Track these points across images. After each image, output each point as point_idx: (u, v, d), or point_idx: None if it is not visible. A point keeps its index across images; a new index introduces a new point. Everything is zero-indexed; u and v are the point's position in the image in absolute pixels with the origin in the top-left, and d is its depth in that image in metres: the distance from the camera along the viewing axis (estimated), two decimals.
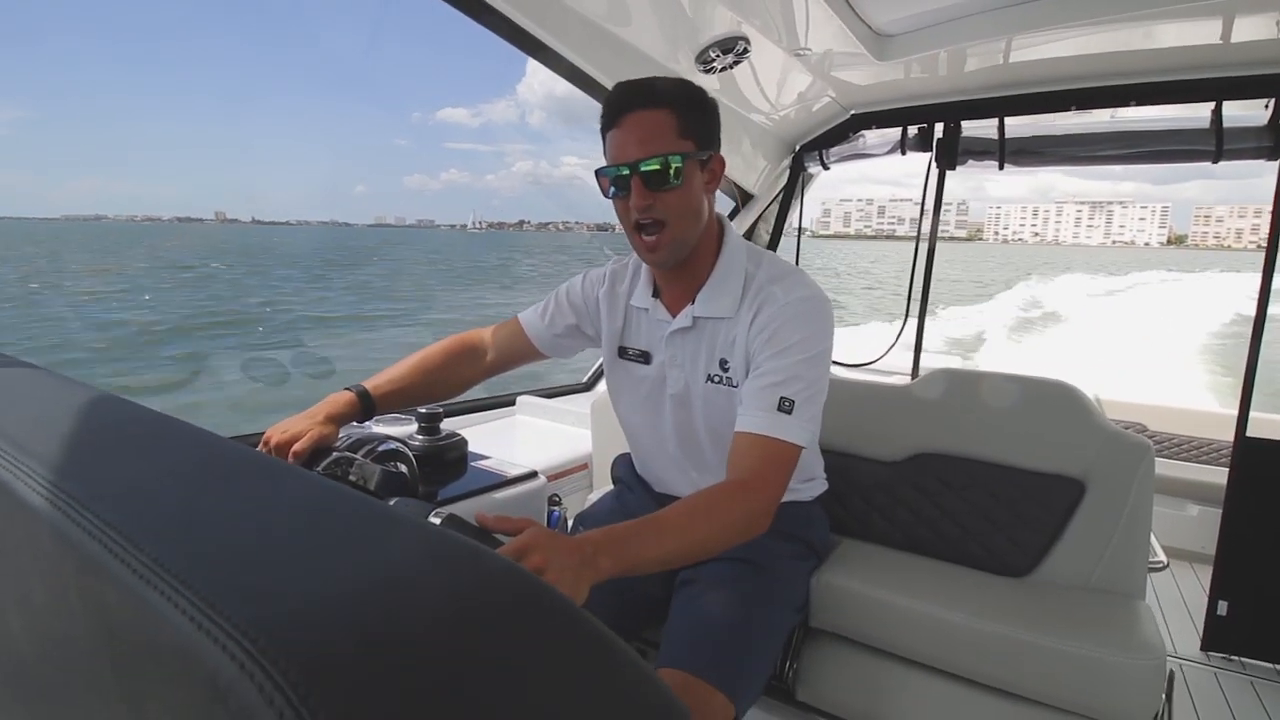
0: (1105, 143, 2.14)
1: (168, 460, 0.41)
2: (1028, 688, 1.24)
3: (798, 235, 2.76)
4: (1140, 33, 1.73)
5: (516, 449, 1.42)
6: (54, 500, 0.33)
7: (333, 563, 0.27)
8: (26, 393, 0.55)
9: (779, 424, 1.02)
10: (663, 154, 1.02)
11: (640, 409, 1.28)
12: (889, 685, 1.37)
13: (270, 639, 0.21)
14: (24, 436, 0.41)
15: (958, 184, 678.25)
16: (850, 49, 1.83)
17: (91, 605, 0.29)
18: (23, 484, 0.36)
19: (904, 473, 1.64)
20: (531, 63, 1.80)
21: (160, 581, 0.25)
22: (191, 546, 0.28)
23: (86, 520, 0.30)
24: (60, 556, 0.31)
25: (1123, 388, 3.31)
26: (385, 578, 0.26)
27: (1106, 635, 1.23)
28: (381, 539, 0.29)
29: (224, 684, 0.20)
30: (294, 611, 0.23)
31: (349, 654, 0.21)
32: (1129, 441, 1.45)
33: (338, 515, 0.32)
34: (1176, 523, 2.53)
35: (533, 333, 1.34)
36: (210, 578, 0.25)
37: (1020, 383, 1.61)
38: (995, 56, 1.93)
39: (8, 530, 0.37)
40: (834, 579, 1.41)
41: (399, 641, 0.22)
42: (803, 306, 1.08)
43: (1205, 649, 1.93)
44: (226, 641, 0.21)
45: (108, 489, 0.34)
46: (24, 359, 0.66)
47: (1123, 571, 1.42)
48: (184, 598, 0.24)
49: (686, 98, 1.07)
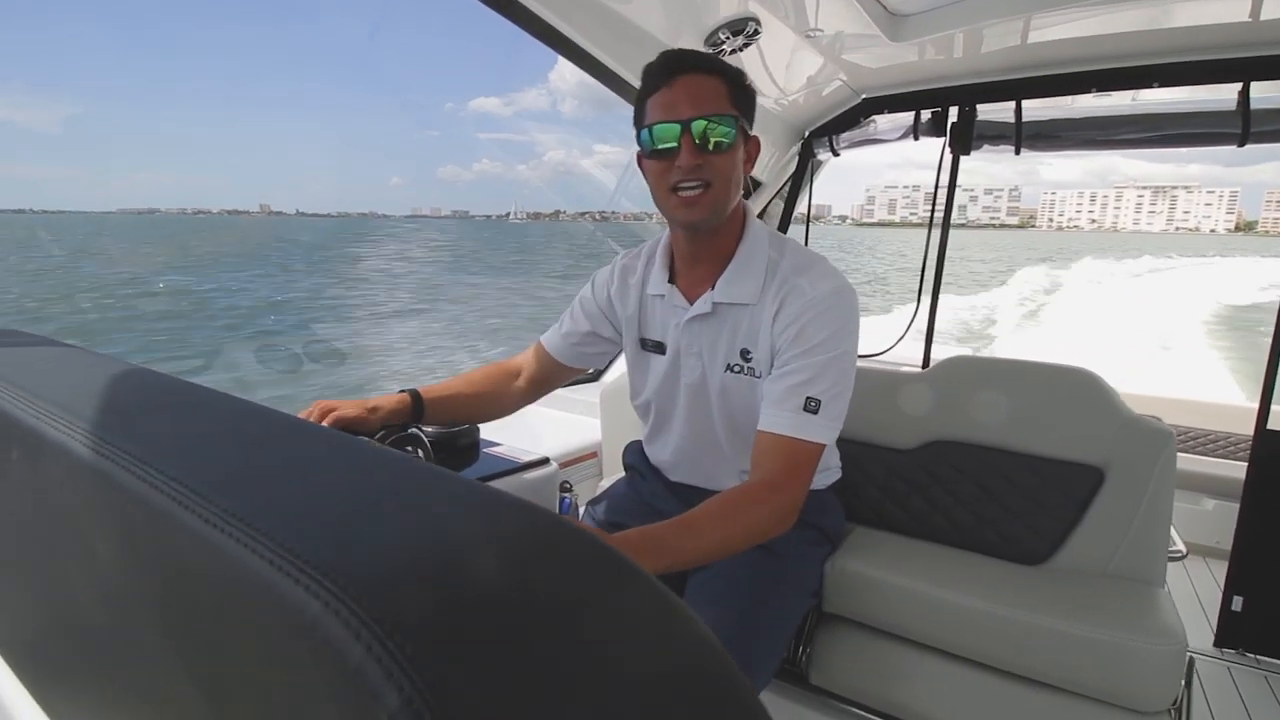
0: (1126, 126, 2.08)
1: (214, 424, 0.42)
2: (1044, 672, 1.22)
3: (806, 223, 2.71)
4: (1164, 11, 1.67)
5: (527, 436, 1.42)
6: (115, 459, 0.33)
7: (395, 514, 0.28)
8: (70, 368, 0.56)
9: (804, 425, 1.02)
10: (720, 114, 1.02)
11: (656, 399, 1.28)
12: (903, 670, 1.36)
13: (350, 579, 0.21)
14: (77, 405, 0.42)
15: (1008, 168, 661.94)
16: (863, 29, 1.79)
17: (163, 557, 0.30)
18: (82, 445, 0.36)
19: (919, 460, 1.62)
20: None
21: (232, 529, 0.25)
22: (257, 497, 0.29)
23: (151, 475, 0.31)
24: (127, 512, 0.32)
25: (1141, 379, 3.26)
26: (450, 528, 0.27)
27: (1126, 620, 1.22)
28: (440, 494, 0.30)
29: (309, 620, 0.20)
30: (368, 556, 0.23)
31: (429, 595, 0.22)
32: (1150, 429, 1.43)
33: (391, 473, 0.32)
34: (1192, 516, 2.50)
35: (555, 351, 1.35)
36: (281, 524, 0.25)
37: (1038, 370, 1.58)
38: (1013, 36, 1.87)
39: (67, 491, 0.38)
40: (848, 564, 1.40)
41: (471, 584, 0.23)
42: (830, 301, 1.06)
43: (1219, 644, 1.90)
44: (308, 581, 0.22)
45: (164, 448, 0.35)
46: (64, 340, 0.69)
47: (1142, 559, 1.40)
48: (259, 542, 0.24)
49: (737, 74, 1.07)
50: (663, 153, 1.04)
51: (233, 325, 17.98)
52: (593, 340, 1.33)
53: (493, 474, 1.36)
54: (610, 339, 1.32)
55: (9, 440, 0.45)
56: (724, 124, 1.02)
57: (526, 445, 1.51)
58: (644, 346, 1.27)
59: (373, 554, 0.24)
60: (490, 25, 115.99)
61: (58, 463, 0.38)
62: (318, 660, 0.20)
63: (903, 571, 1.38)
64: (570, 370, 1.37)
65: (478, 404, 1.31)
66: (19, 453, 0.44)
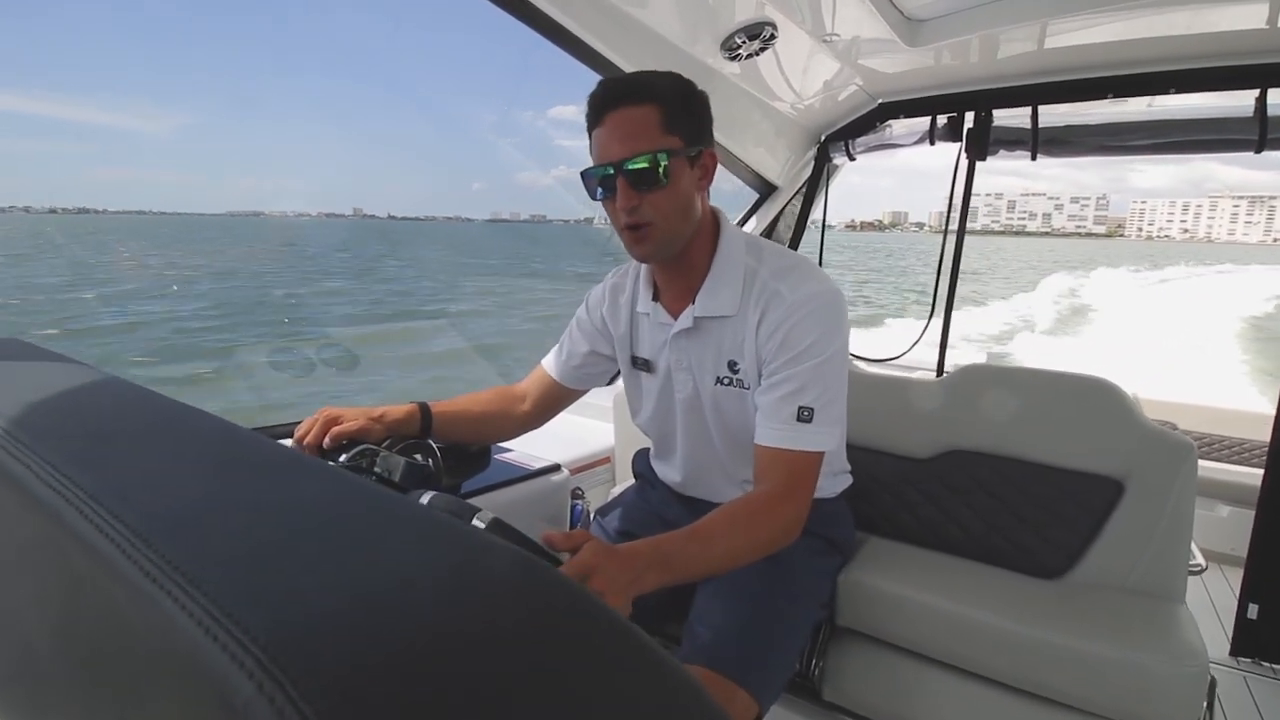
0: (1143, 132, 2.07)
1: (188, 451, 0.40)
2: (1061, 692, 1.20)
3: (821, 228, 2.72)
4: (1182, 17, 1.66)
5: (538, 442, 1.43)
6: (66, 494, 0.32)
7: (355, 565, 0.26)
8: (49, 383, 0.54)
9: (800, 435, 1.01)
10: (648, 152, 0.98)
11: (654, 416, 1.27)
12: (917, 686, 1.34)
13: (287, 650, 0.19)
14: (42, 428, 0.41)
15: (1095, 175, 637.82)
16: (880, 34, 1.79)
17: (103, 605, 0.28)
18: (36, 478, 0.35)
19: (934, 470, 1.60)
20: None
21: (171, 583, 0.23)
22: (205, 544, 0.27)
23: (97, 515, 0.29)
24: (73, 553, 0.30)
25: (1154, 385, 3.22)
26: (412, 582, 0.25)
27: (1146, 639, 1.19)
28: (408, 541, 0.28)
29: (240, 703, 0.18)
30: (313, 620, 0.21)
31: (375, 667, 0.19)
32: (1171, 441, 1.40)
33: (362, 515, 0.31)
34: (1208, 523, 2.47)
35: (557, 374, 1.33)
36: (223, 579, 0.23)
37: (1055, 379, 1.56)
38: (1030, 42, 1.87)
39: (23, 525, 0.37)
40: (861, 577, 1.38)
41: (426, 654, 0.21)
42: (812, 305, 1.04)
43: (1235, 653, 1.88)
44: (242, 655, 0.19)
45: (124, 481, 0.34)
46: (54, 350, 0.67)
47: (1162, 574, 1.37)
48: (195, 602, 0.22)
49: (672, 91, 1.01)
50: (605, 195, 1.03)
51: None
52: (594, 360, 1.32)
53: (503, 480, 1.34)
54: (610, 356, 1.31)
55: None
56: (659, 160, 0.98)
57: (538, 451, 1.50)
58: (635, 365, 1.26)
59: (325, 614, 0.22)
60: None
61: (13, 494, 0.37)
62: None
63: (918, 585, 1.36)
64: (575, 392, 1.36)
65: (483, 425, 1.30)
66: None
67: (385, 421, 1.14)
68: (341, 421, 1.10)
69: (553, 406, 1.36)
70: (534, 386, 1.35)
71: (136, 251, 45.63)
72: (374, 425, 1.12)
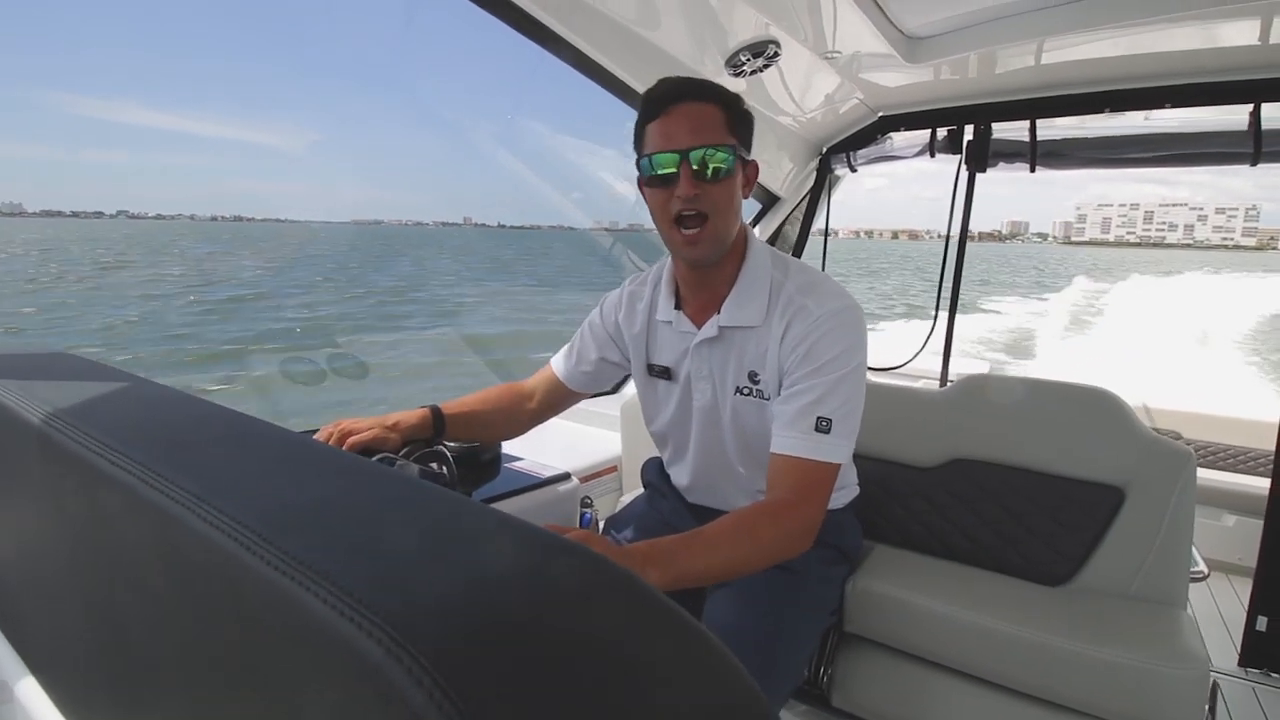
0: (1139, 145, 2.11)
1: (261, 456, 0.43)
2: (1066, 696, 1.22)
3: (824, 238, 2.75)
4: (1176, 34, 1.70)
5: (548, 450, 1.44)
6: (173, 495, 0.35)
7: (447, 557, 0.29)
8: (114, 395, 0.58)
9: (817, 445, 1.01)
10: (717, 144, 1.02)
11: (669, 424, 1.28)
12: (925, 692, 1.36)
13: (409, 626, 0.23)
14: (129, 436, 0.44)
15: (1247, 183, 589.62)
16: (880, 51, 1.83)
17: (222, 595, 0.31)
18: (142, 482, 0.37)
19: (939, 478, 1.62)
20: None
21: (297, 574, 0.27)
22: (319, 539, 0.30)
23: (211, 514, 0.32)
24: (186, 549, 0.33)
25: (1157, 394, 3.22)
26: (497, 570, 0.28)
27: (1148, 644, 1.21)
28: (483, 534, 0.32)
29: (371, 666, 0.22)
30: (424, 602, 0.25)
31: (485, 646, 0.23)
32: (1170, 449, 1.43)
33: (440, 509, 0.34)
34: (1213, 533, 2.47)
35: (563, 375, 1.36)
36: (344, 569, 0.26)
37: (1057, 389, 1.59)
38: (1027, 58, 1.91)
39: (124, 525, 0.39)
40: (869, 585, 1.40)
41: (520, 627, 0.24)
42: (837, 320, 1.06)
43: (1243, 664, 1.87)
44: (371, 628, 0.23)
45: (222, 484, 0.36)
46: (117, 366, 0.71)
47: (1163, 581, 1.40)
48: (323, 588, 0.25)
49: (734, 100, 1.07)
50: (662, 180, 1.05)
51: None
52: (603, 366, 1.34)
53: (514, 490, 1.36)
54: (618, 363, 1.34)
55: (64, 471, 0.46)
56: (722, 152, 1.02)
57: (547, 459, 1.51)
58: (651, 372, 1.27)
59: (432, 599, 0.25)
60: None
61: (114, 496, 0.39)
62: (384, 703, 0.21)
63: (924, 592, 1.38)
64: (579, 395, 1.39)
65: (492, 423, 1.33)
66: (74, 482, 0.45)
67: (400, 429, 1.16)
68: (357, 432, 1.12)
69: (557, 406, 1.39)
70: (541, 385, 1.37)
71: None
72: (389, 434, 1.14)
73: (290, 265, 43.07)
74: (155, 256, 45.11)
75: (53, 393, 0.55)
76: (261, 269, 39.60)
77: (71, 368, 0.68)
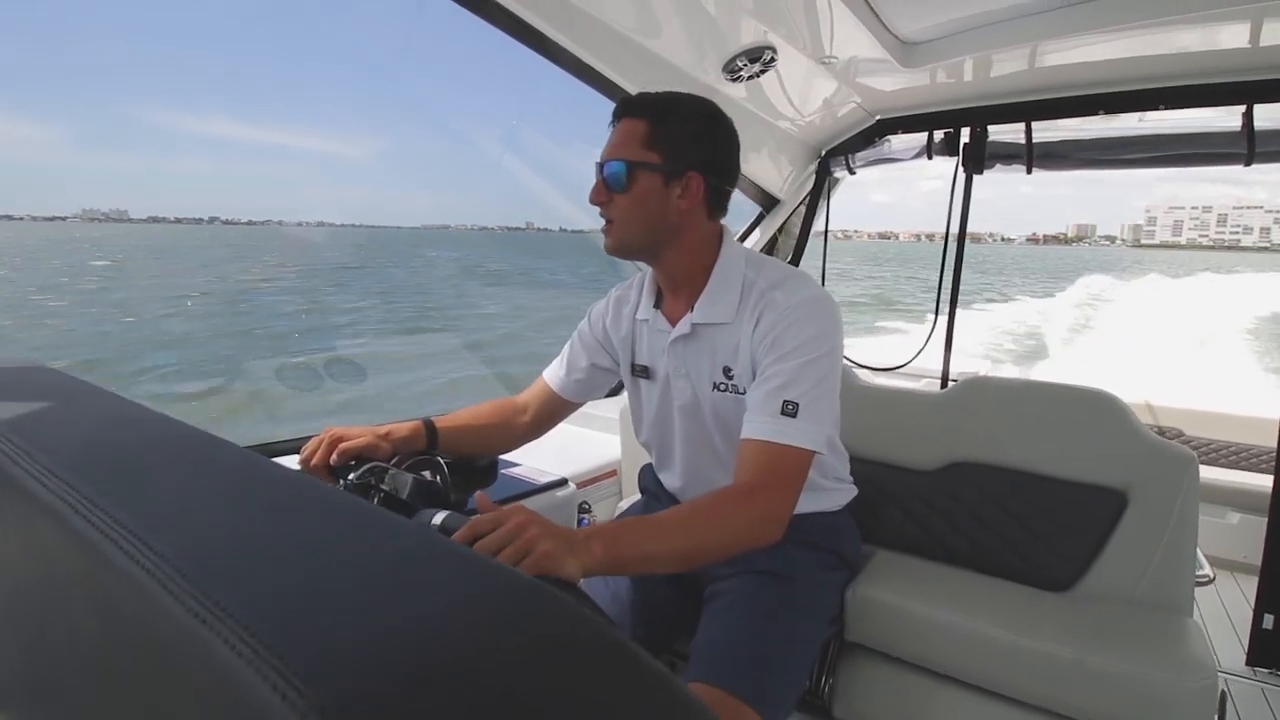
0: (1134, 146, 2.13)
1: (213, 483, 0.42)
2: (1071, 706, 1.20)
3: (824, 239, 2.77)
4: (1169, 37, 1.72)
5: (545, 456, 1.43)
6: (106, 530, 0.34)
7: (378, 601, 0.28)
8: (76, 414, 0.55)
9: (783, 429, 1.00)
10: (620, 159, 1.08)
11: (653, 425, 1.29)
12: (927, 701, 1.34)
13: (324, 684, 0.22)
14: (74, 460, 0.42)
15: None
16: (876, 56, 1.84)
17: (143, 637, 0.30)
18: (74, 512, 0.36)
19: (940, 482, 1.60)
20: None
21: (213, 619, 0.26)
22: (243, 583, 0.29)
23: (137, 550, 0.31)
24: (113, 587, 0.32)
25: (1158, 392, 3.22)
26: (431, 615, 0.27)
27: (1154, 653, 1.19)
28: (426, 575, 0.30)
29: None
30: (348, 657, 0.24)
31: (396, 687, 0.22)
32: (1172, 452, 1.41)
33: (381, 549, 0.33)
34: (1217, 531, 2.44)
35: (556, 385, 1.36)
36: (263, 618, 0.25)
37: (1056, 391, 1.58)
38: (1022, 62, 1.92)
39: (60, 559, 0.38)
40: (869, 592, 1.38)
41: (445, 682, 0.23)
42: (806, 309, 1.07)
43: (1251, 664, 1.85)
44: (285, 688, 0.22)
45: (159, 516, 0.35)
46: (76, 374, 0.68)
47: (1169, 586, 1.37)
48: (237, 637, 0.24)
49: (666, 112, 1.09)
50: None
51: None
52: (594, 373, 1.35)
53: (511, 496, 1.35)
54: (609, 369, 1.35)
55: (4, 495, 0.43)
56: (623, 168, 1.08)
57: (544, 465, 1.49)
58: (635, 372, 1.30)
59: (359, 650, 0.24)
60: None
61: (50, 527, 0.37)
62: None
63: (926, 599, 1.36)
64: (573, 404, 1.39)
65: (485, 437, 1.32)
66: (15, 511, 0.42)
67: (391, 439, 1.15)
68: (348, 439, 1.10)
69: (552, 418, 1.38)
70: (534, 398, 1.37)
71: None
72: (380, 443, 1.12)
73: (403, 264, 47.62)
74: (385, 262, 49.93)
75: (16, 412, 0.53)
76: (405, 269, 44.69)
77: (39, 383, 0.64)
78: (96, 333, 18.05)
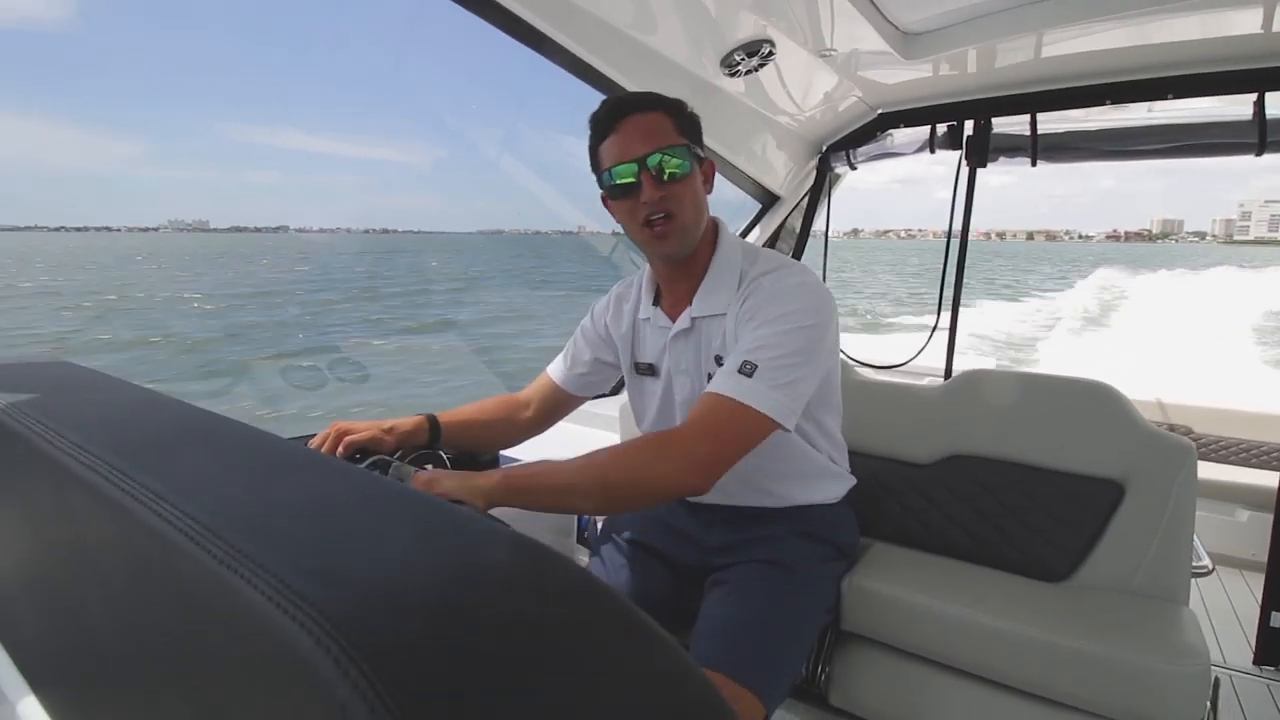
0: (1143, 137, 2.09)
1: (228, 457, 0.45)
2: (1066, 694, 1.22)
3: (825, 235, 2.74)
4: (1177, 24, 1.69)
5: (546, 451, 1.43)
6: (135, 494, 0.36)
7: (394, 551, 0.30)
8: (102, 401, 0.60)
9: (735, 385, 0.99)
10: (671, 146, 1.07)
11: (655, 422, 1.30)
12: (924, 690, 1.35)
13: (343, 618, 0.23)
14: (105, 439, 0.45)
15: None
16: (876, 48, 1.82)
17: (175, 590, 0.32)
18: (106, 481, 0.39)
19: (937, 475, 1.61)
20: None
21: (239, 565, 0.28)
22: (263, 534, 0.31)
23: (168, 510, 0.33)
24: (145, 546, 0.34)
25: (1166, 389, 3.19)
26: (448, 564, 0.29)
27: (1148, 641, 1.21)
28: (439, 529, 0.32)
29: (302, 657, 0.22)
30: (362, 595, 0.26)
31: (415, 636, 0.23)
32: (1169, 443, 1.41)
33: (395, 506, 0.35)
34: (1225, 528, 2.44)
35: (560, 380, 1.38)
36: (283, 562, 0.27)
37: (1055, 383, 1.58)
38: (1026, 52, 1.90)
39: (90, 523, 0.41)
40: (866, 582, 1.40)
41: (461, 625, 0.24)
42: (790, 290, 1.08)
43: (1258, 661, 1.85)
44: (304, 619, 0.23)
45: (184, 483, 0.38)
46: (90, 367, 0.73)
47: (1165, 576, 1.38)
48: (262, 579, 0.26)
49: (676, 105, 1.12)
50: (624, 190, 1.09)
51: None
52: (597, 367, 1.36)
53: None
54: (613, 364, 1.36)
55: (39, 472, 0.48)
56: (677, 154, 1.06)
57: (546, 459, 1.50)
58: (638, 370, 1.30)
59: (373, 590, 0.26)
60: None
61: (83, 496, 0.41)
62: (313, 693, 0.22)
63: (923, 589, 1.37)
64: (577, 399, 1.41)
65: (489, 433, 1.34)
66: (47, 484, 0.47)
67: (395, 433, 1.18)
68: (353, 432, 1.14)
69: (555, 413, 1.40)
70: (538, 394, 1.39)
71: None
72: (385, 437, 1.16)
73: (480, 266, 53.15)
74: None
75: (45, 401, 0.57)
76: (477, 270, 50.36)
77: (63, 375, 0.69)
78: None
